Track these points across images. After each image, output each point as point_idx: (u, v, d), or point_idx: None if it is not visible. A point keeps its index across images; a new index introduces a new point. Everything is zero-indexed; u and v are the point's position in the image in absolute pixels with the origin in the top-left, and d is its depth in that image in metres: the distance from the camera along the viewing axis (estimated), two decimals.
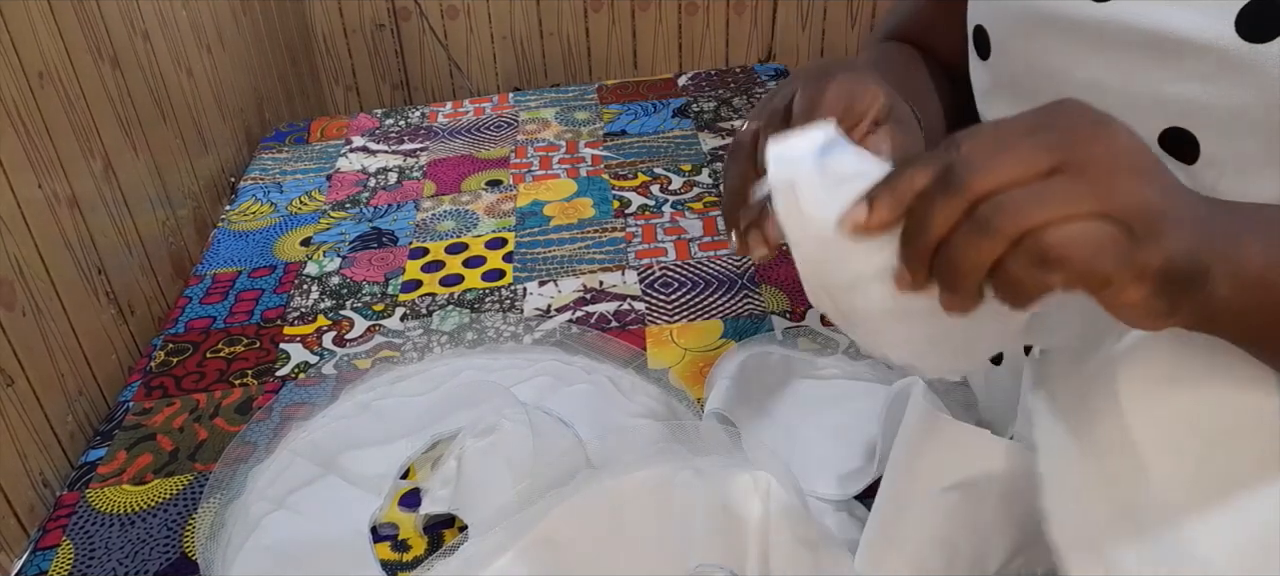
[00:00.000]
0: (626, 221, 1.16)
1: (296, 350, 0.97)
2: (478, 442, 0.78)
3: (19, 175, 0.88)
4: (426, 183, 1.29)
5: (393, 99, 2.04)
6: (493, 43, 1.95)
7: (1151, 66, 0.47)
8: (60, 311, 0.93)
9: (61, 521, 0.80)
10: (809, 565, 0.63)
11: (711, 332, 0.95)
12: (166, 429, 0.89)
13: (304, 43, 1.90)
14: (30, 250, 0.89)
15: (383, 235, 1.17)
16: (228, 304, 1.06)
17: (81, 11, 1.03)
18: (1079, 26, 0.50)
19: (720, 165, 1.28)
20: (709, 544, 0.66)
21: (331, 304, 1.04)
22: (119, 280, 1.05)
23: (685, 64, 1.98)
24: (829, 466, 0.76)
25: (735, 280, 1.03)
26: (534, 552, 0.66)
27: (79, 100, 1.01)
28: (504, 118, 1.48)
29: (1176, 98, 0.47)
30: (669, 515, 0.67)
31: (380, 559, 0.73)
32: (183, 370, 0.96)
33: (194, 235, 1.27)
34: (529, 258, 1.10)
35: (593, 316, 0.99)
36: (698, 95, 1.50)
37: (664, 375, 0.89)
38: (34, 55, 0.93)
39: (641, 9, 1.91)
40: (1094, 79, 0.50)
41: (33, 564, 0.76)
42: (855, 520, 0.72)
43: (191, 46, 1.33)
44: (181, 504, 0.80)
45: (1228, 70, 0.44)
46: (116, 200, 1.07)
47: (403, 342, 0.97)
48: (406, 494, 0.79)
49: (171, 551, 0.76)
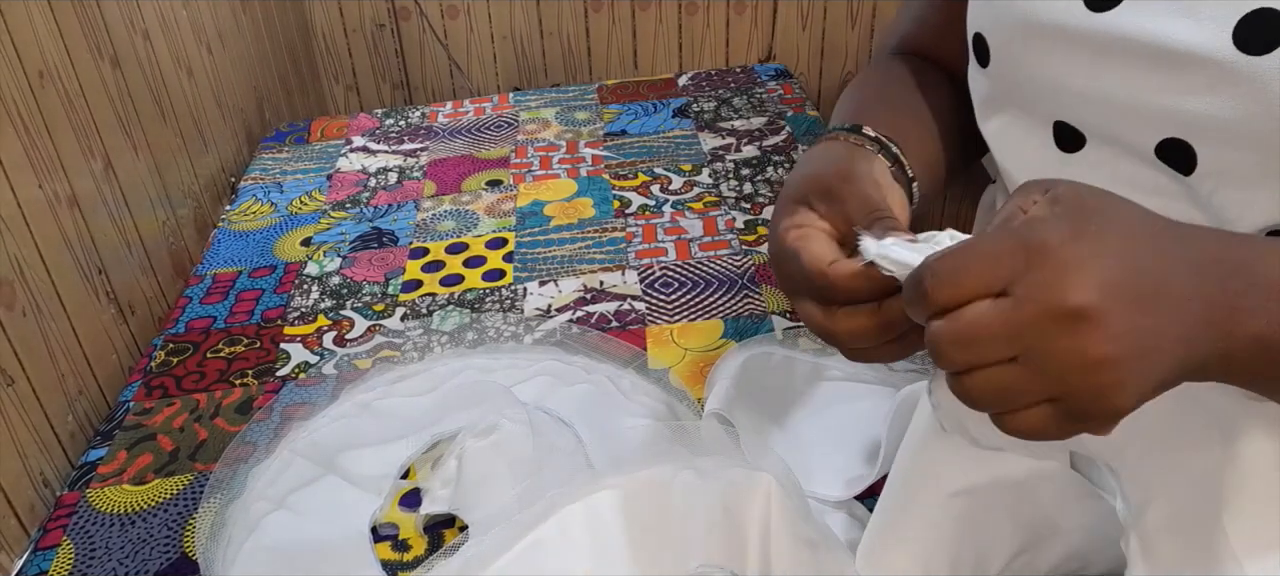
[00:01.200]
0: (627, 221, 1.16)
1: (297, 350, 0.97)
2: (478, 442, 0.78)
3: (19, 175, 0.88)
4: (427, 183, 1.29)
5: (393, 99, 2.04)
6: (493, 43, 1.95)
7: (1149, 77, 0.47)
8: (60, 311, 0.93)
9: (62, 521, 0.80)
10: (809, 565, 0.63)
11: (712, 332, 0.95)
12: (167, 429, 0.89)
13: (304, 42, 1.90)
14: (30, 250, 0.89)
15: (383, 235, 1.17)
16: (228, 304, 1.06)
17: (81, 11, 1.03)
18: (1077, 36, 0.50)
19: (720, 165, 1.28)
20: (709, 544, 0.66)
21: (332, 304, 1.04)
22: (119, 280, 1.05)
23: (685, 64, 1.98)
24: (830, 466, 0.76)
25: (735, 280, 1.03)
26: (534, 552, 0.66)
27: (79, 100, 1.01)
28: (504, 118, 1.48)
29: (1174, 108, 0.46)
30: (669, 515, 0.67)
31: (380, 559, 0.73)
32: (183, 370, 0.96)
33: (194, 235, 1.27)
34: (529, 257, 1.10)
35: (593, 316, 0.99)
36: (698, 95, 1.50)
37: (664, 375, 0.89)
38: (34, 55, 0.93)
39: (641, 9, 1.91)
40: (1091, 89, 0.50)
41: (33, 564, 0.76)
42: (855, 520, 0.72)
43: (191, 46, 1.33)
44: (182, 504, 0.80)
45: (1225, 81, 0.44)
46: (117, 200, 1.07)
47: (403, 342, 0.97)
48: (406, 494, 0.79)
49: (172, 551, 0.76)
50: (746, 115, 1.42)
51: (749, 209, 1.17)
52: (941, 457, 0.60)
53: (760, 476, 0.65)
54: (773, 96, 1.48)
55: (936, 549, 0.60)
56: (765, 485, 0.65)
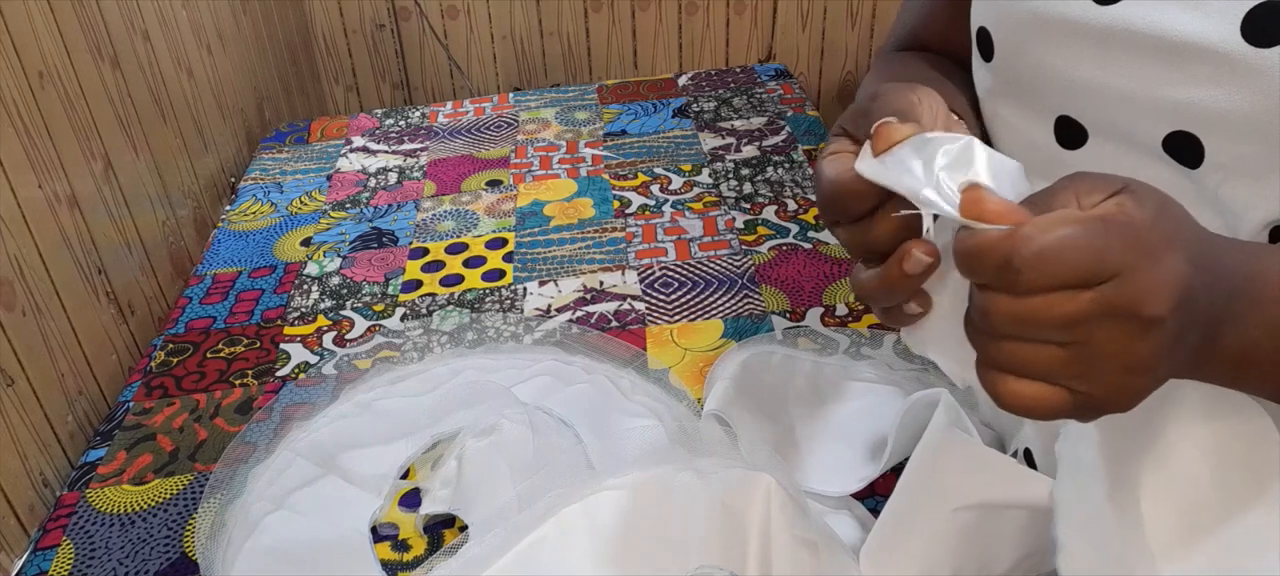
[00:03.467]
0: (626, 221, 1.16)
1: (297, 350, 0.97)
2: (478, 442, 0.78)
3: (19, 175, 0.88)
4: (427, 183, 1.29)
5: (393, 99, 2.04)
6: (493, 43, 1.95)
7: (1156, 70, 0.47)
8: (60, 311, 0.93)
9: (61, 521, 0.80)
10: (809, 565, 0.63)
11: (711, 332, 0.95)
12: (166, 429, 0.89)
13: (304, 42, 1.90)
14: (30, 250, 0.89)
15: (383, 235, 1.17)
16: (228, 304, 1.06)
17: (81, 11, 1.03)
18: (1083, 29, 0.50)
19: (719, 165, 1.28)
20: (709, 544, 0.66)
21: (332, 304, 1.04)
22: (119, 280, 1.05)
23: (685, 64, 1.98)
24: (830, 464, 0.76)
25: (735, 280, 1.03)
26: (534, 553, 0.66)
27: (79, 100, 1.01)
28: (504, 118, 1.48)
29: (1181, 101, 0.46)
30: (669, 515, 0.67)
31: (380, 559, 0.73)
32: (183, 370, 0.96)
33: (194, 235, 1.27)
34: (529, 257, 1.10)
35: (593, 316, 0.99)
36: (698, 95, 1.50)
37: (664, 375, 0.89)
38: (34, 55, 0.93)
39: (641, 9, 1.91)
40: (1098, 82, 0.50)
41: (33, 564, 0.76)
42: (855, 520, 0.72)
43: (191, 46, 1.33)
44: (181, 504, 0.80)
45: (1233, 74, 0.44)
46: (116, 200, 1.07)
47: (403, 342, 0.97)
48: (406, 494, 0.79)
49: (172, 551, 0.76)
50: (746, 115, 1.42)
51: (749, 209, 1.17)
52: (954, 473, 0.59)
53: (760, 477, 0.65)
54: (773, 96, 1.48)
55: (942, 557, 0.60)
56: (765, 486, 0.65)
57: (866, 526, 0.69)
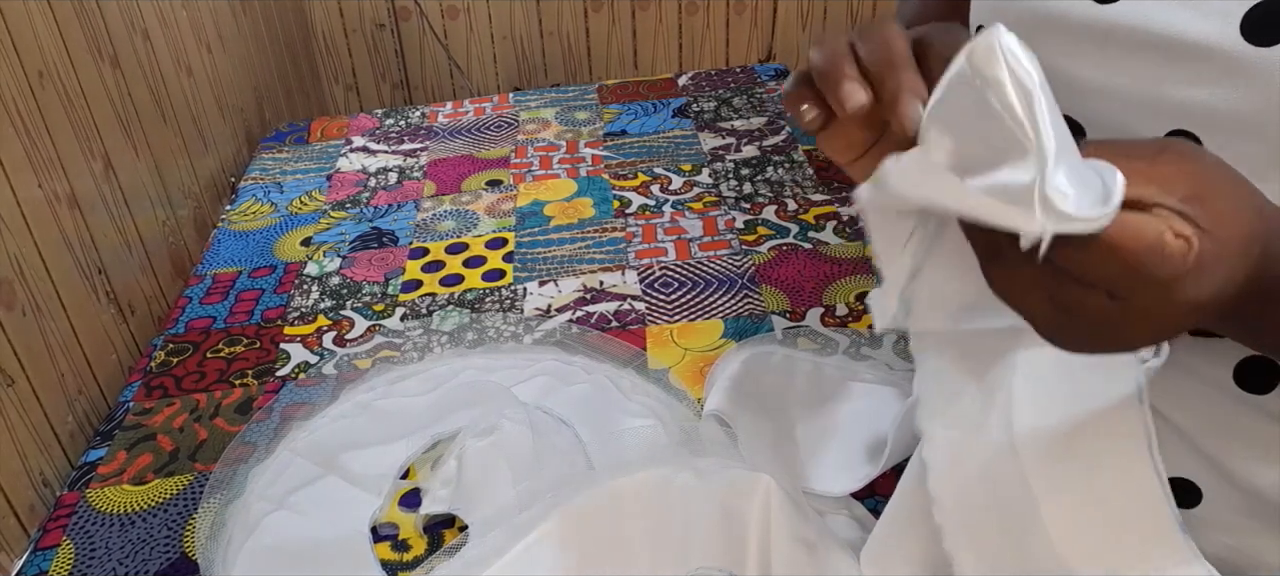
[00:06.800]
0: (626, 221, 1.16)
1: (297, 350, 0.97)
2: (478, 442, 0.78)
3: (19, 175, 0.88)
4: (427, 183, 1.29)
5: (393, 99, 2.04)
6: (493, 43, 1.95)
7: (1156, 69, 0.47)
8: (60, 311, 0.93)
9: (61, 521, 0.80)
10: (809, 565, 0.63)
11: (711, 332, 0.95)
12: (166, 429, 0.89)
13: (304, 42, 1.90)
14: (30, 250, 0.89)
15: (383, 235, 1.17)
16: (228, 304, 1.06)
17: (81, 11, 1.03)
18: (1082, 28, 0.50)
19: (720, 165, 1.28)
20: (709, 544, 0.66)
21: (332, 304, 1.04)
22: (119, 280, 1.05)
23: (685, 64, 1.98)
24: (829, 464, 0.76)
25: (735, 280, 1.03)
26: (534, 553, 0.66)
27: (79, 100, 1.01)
28: (504, 118, 1.48)
29: (1181, 101, 0.46)
30: (669, 515, 0.67)
31: (380, 559, 0.73)
32: (183, 370, 0.96)
33: (194, 235, 1.27)
34: (529, 257, 1.10)
35: (593, 316, 0.99)
36: (698, 95, 1.50)
37: (664, 375, 0.89)
38: (34, 55, 0.93)
39: (641, 9, 1.91)
40: (1098, 81, 0.50)
41: (33, 564, 0.76)
42: (855, 520, 0.72)
43: (191, 46, 1.33)
44: (181, 504, 0.80)
45: (1233, 74, 0.44)
46: (116, 200, 1.07)
47: (403, 342, 0.97)
48: (406, 494, 0.79)
49: (171, 551, 0.76)
50: (746, 115, 1.42)
51: (749, 209, 1.17)
52: None
53: (759, 477, 0.65)
54: (773, 96, 1.48)
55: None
56: (764, 486, 0.65)
57: (866, 526, 0.69)
